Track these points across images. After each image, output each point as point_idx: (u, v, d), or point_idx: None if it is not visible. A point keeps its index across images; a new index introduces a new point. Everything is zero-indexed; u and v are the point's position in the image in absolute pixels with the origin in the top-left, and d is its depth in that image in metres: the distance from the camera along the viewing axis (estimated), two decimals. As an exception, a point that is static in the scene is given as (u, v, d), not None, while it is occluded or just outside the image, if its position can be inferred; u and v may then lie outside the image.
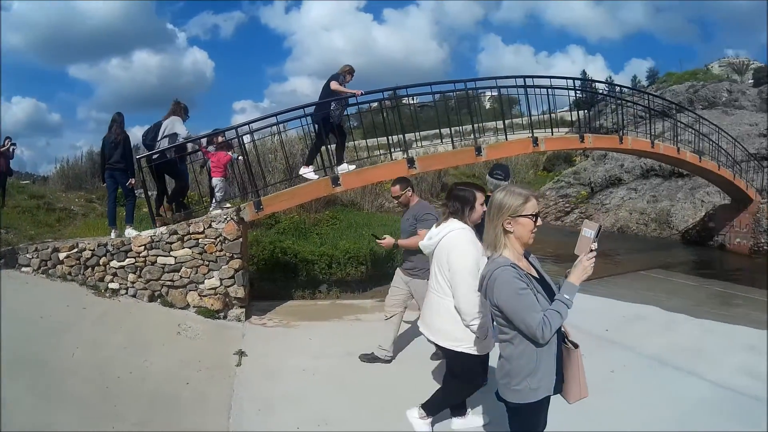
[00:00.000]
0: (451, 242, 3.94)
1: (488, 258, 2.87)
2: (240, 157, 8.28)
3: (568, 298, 2.66)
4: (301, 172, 8.76)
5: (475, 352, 3.91)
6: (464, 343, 3.89)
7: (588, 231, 2.71)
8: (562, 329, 2.92)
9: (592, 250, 2.67)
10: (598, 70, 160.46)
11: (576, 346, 2.96)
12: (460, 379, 4.21)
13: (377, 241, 5.89)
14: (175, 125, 7.84)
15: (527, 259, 2.95)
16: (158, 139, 7.86)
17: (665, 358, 6.09)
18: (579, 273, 2.67)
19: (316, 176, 8.56)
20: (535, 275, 2.89)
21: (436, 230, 4.14)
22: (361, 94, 8.48)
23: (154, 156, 7.83)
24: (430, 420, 4.34)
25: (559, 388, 2.93)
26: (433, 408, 4.33)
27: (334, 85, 8.36)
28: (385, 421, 4.57)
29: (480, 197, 4.12)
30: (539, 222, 2.83)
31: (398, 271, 5.92)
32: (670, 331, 7.19)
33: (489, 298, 2.79)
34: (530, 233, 2.80)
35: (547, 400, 2.89)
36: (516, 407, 2.87)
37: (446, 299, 3.95)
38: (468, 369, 4.07)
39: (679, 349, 6.43)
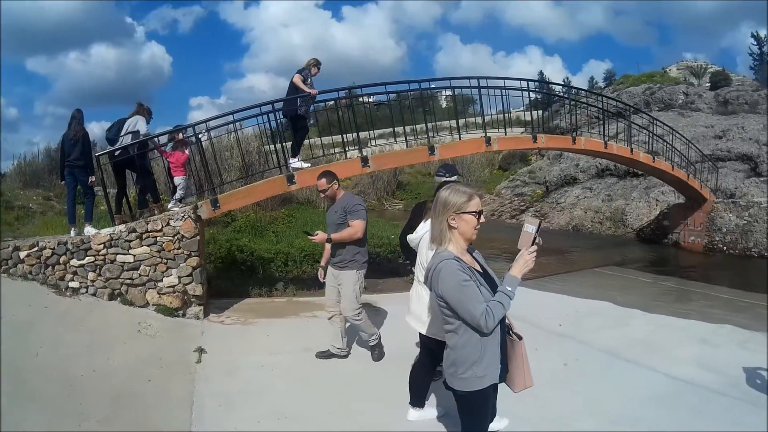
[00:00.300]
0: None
1: (433, 252, 3.08)
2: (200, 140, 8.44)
3: (510, 289, 2.83)
4: (290, 164, 8.97)
5: None
6: None
7: (530, 227, 2.89)
8: (507, 321, 3.12)
9: (533, 244, 2.86)
10: (555, 70, 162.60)
11: (520, 337, 3.15)
12: None
13: (309, 237, 5.93)
14: (138, 123, 8.00)
15: (471, 254, 3.15)
16: (122, 134, 8.00)
17: (618, 352, 6.33)
18: (520, 266, 2.85)
19: (306, 165, 8.87)
20: (479, 269, 3.06)
21: (422, 225, 4.46)
22: (317, 94, 8.71)
23: (117, 152, 7.93)
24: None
25: (505, 377, 3.11)
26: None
27: (296, 78, 8.60)
28: (342, 413, 4.84)
29: None
30: (482, 219, 3.00)
31: (329, 267, 6.02)
32: (624, 326, 7.49)
33: (434, 290, 2.95)
34: (473, 229, 2.98)
35: (493, 388, 3.05)
36: (463, 395, 3.01)
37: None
38: None
39: (632, 342, 6.69)
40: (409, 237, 4.60)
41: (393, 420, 4.63)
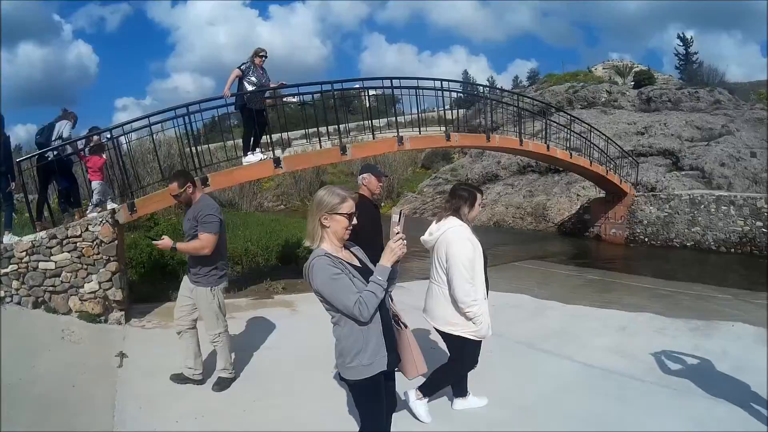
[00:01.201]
0: (450, 237, 4.54)
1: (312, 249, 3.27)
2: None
3: (381, 279, 3.05)
4: (244, 162, 9.45)
5: (471, 336, 4.55)
6: (461, 328, 4.50)
7: (395, 217, 3.11)
8: (392, 311, 3.41)
9: (397, 233, 3.06)
10: (480, 70, 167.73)
11: (406, 326, 3.44)
12: (455, 361, 4.77)
13: (154, 242, 5.65)
14: (64, 127, 8.47)
15: (350, 250, 3.37)
16: (53, 139, 8.39)
17: (534, 343, 6.81)
18: (388, 255, 3.07)
19: (259, 157, 9.45)
20: (357, 264, 3.28)
21: (436, 226, 4.76)
22: (229, 96, 9.19)
23: (47, 155, 8.29)
24: (426, 400, 4.86)
25: (396, 365, 3.36)
26: (430, 389, 4.86)
27: (232, 73, 9.15)
28: (256, 409, 5.31)
29: (479, 198, 4.80)
30: (354, 221, 3.20)
31: (186, 275, 5.80)
32: (541, 317, 8.05)
33: (310, 285, 3.15)
34: (344, 230, 3.18)
35: (384, 375, 3.26)
36: (354, 384, 3.24)
37: (445, 288, 4.57)
38: (465, 352, 4.68)
39: (549, 333, 7.19)
40: (423, 239, 4.84)
41: (302, 413, 5.16)
